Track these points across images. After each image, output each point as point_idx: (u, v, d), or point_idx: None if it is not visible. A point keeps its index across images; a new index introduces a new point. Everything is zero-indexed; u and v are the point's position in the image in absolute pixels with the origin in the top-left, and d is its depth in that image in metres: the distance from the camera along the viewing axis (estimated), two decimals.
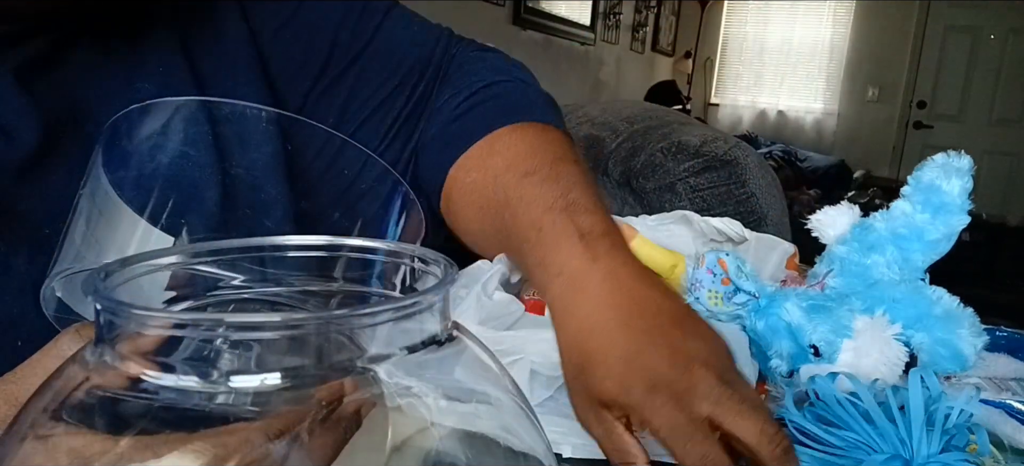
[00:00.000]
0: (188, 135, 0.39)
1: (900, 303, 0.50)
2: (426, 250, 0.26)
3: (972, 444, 0.39)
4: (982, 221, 3.51)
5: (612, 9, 4.28)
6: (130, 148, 0.36)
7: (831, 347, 0.48)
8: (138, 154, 0.37)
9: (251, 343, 0.20)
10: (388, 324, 0.21)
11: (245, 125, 0.44)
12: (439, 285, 0.23)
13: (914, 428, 0.36)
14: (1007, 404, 0.49)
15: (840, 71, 5.35)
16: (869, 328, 0.48)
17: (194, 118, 0.40)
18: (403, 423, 0.22)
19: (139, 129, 0.37)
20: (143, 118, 0.37)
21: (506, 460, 0.23)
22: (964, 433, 0.38)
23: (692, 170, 1.23)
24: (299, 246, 0.27)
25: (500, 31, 3.13)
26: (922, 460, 0.36)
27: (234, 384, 0.19)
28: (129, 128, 0.37)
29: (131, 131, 0.37)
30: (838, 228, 0.56)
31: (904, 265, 0.52)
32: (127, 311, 0.20)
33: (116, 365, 0.20)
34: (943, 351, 0.48)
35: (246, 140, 0.44)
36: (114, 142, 0.36)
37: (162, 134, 0.38)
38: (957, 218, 0.50)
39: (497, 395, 0.24)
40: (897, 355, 0.48)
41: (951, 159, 0.51)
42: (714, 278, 0.52)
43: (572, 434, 0.45)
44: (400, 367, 0.21)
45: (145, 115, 0.37)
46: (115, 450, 0.19)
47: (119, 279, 0.23)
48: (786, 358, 0.50)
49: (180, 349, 0.20)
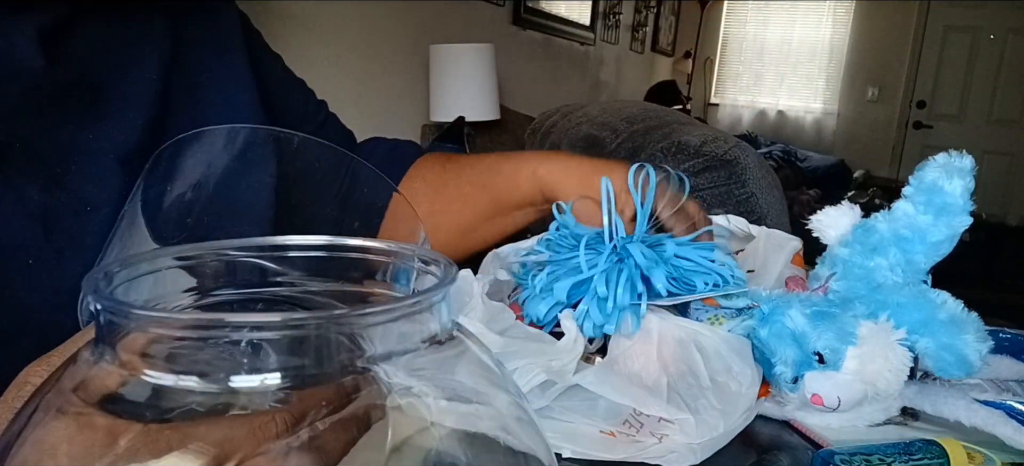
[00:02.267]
0: (241, 163, 0.41)
1: (904, 308, 0.49)
2: (427, 250, 0.26)
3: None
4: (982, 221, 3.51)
5: (612, 9, 4.27)
6: (170, 176, 0.37)
7: (836, 354, 0.48)
8: (177, 185, 0.37)
9: (251, 343, 0.20)
10: (388, 324, 0.21)
11: (305, 153, 0.46)
12: (439, 285, 0.23)
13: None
14: (1007, 405, 0.49)
15: (840, 71, 5.35)
16: (874, 334, 0.48)
17: (247, 145, 0.42)
18: (403, 423, 0.22)
19: (182, 156, 0.38)
20: (186, 147, 0.38)
21: (506, 460, 0.23)
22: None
23: (692, 170, 1.23)
24: (300, 246, 0.27)
25: (500, 31, 3.13)
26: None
27: (234, 384, 0.19)
28: (173, 156, 0.38)
29: (174, 160, 0.38)
30: (839, 229, 0.56)
31: (907, 267, 0.52)
32: (127, 311, 0.20)
33: (116, 365, 0.20)
34: (948, 356, 0.48)
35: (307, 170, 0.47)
36: (155, 171, 0.37)
37: (205, 160, 0.39)
38: (959, 219, 0.50)
39: (497, 395, 0.24)
40: (902, 361, 0.48)
41: (953, 159, 0.50)
42: (707, 309, 0.52)
43: (571, 437, 0.45)
44: (400, 367, 0.21)
45: (190, 142, 0.38)
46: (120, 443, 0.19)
47: (119, 279, 0.23)
48: (791, 365, 0.50)
49: (180, 349, 0.20)
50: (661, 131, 1.34)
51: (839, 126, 5.38)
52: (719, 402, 0.47)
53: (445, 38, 2.46)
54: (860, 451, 0.43)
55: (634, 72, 4.89)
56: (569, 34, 3.78)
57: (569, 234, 0.58)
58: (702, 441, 0.44)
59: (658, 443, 0.45)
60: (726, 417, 0.46)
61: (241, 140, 0.41)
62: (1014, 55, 4.78)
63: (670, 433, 0.45)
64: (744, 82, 5.76)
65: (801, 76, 5.52)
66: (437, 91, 2.41)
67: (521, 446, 0.24)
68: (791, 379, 0.50)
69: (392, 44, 2.48)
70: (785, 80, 5.59)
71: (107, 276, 0.22)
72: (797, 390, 0.50)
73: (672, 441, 0.45)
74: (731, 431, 0.46)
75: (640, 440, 0.46)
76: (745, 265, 0.63)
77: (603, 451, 0.44)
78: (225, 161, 0.40)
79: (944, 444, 0.42)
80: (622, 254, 0.53)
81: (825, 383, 0.49)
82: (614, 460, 0.44)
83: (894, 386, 0.48)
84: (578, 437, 0.45)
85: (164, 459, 0.18)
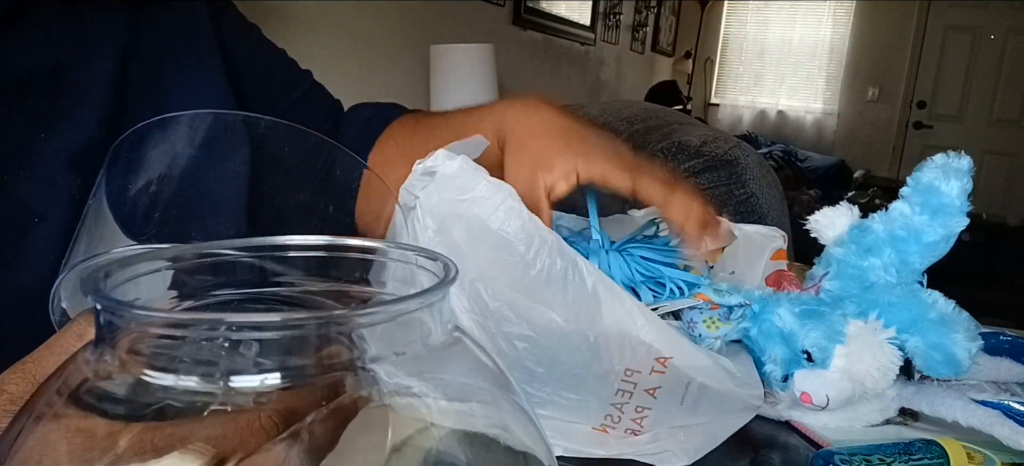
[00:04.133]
0: (208, 151, 0.40)
1: (895, 307, 0.49)
2: (427, 250, 0.26)
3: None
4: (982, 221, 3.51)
5: (612, 9, 4.27)
6: (133, 168, 0.36)
7: (824, 352, 0.48)
8: (141, 176, 0.36)
9: (251, 343, 0.20)
10: (388, 324, 0.21)
11: (274, 136, 0.44)
12: (439, 285, 0.23)
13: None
14: (1005, 405, 0.49)
15: (840, 71, 5.35)
16: (862, 333, 0.48)
17: (212, 130, 0.41)
18: (403, 423, 0.22)
19: (145, 146, 0.37)
20: (149, 134, 0.37)
21: (506, 460, 0.24)
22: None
23: (692, 170, 1.23)
24: (299, 246, 0.27)
25: (500, 31, 3.13)
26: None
27: (234, 384, 0.19)
28: (135, 146, 0.37)
29: (137, 147, 0.37)
30: (837, 229, 0.56)
31: (901, 268, 0.52)
32: (127, 311, 0.20)
33: (116, 365, 0.20)
34: (937, 355, 0.48)
35: (278, 157, 0.45)
36: (117, 162, 0.36)
37: (170, 151, 0.38)
38: (956, 219, 0.50)
39: (497, 395, 0.24)
40: (890, 360, 0.48)
41: (950, 160, 0.50)
42: (702, 310, 0.52)
43: (563, 434, 0.45)
44: (400, 367, 0.21)
45: (152, 130, 0.37)
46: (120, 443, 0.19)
47: (119, 279, 0.23)
48: (780, 363, 0.50)
49: (180, 349, 0.20)
50: (661, 131, 1.34)
51: (839, 126, 5.38)
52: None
53: (445, 38, 2.46)
54: (860, 451, 0.43)
55: (634, 72, 4.89)
56: (569, 34, 3.78)
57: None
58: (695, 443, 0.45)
59: (652, 441, 0.45)
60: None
61: (206, 127, 0.40)
62: (1014, 55, 4.77)
63: (645, 427, 0.45)
64: (744, 82, 5.75)
65: (801, 76, 5.52)
66: (437, 91, 2.40)
67: (521, 446, 0.24)
68: (781, 377, 0.51)
69: (392, 44, 2.48)
70: (785, 80, 5.59)
71: (106, 275, 0.22)
72: (787, 389, 0.50)
73: (666, 439, 0.45)
74: (726, 430, 0.46)
75: (625, 438, 0.46)
76: (726, 267, 0.63)
77: (596, 447, 0.44)
78: (191, 150, 0.39)
79: (944, 444, 0.42)
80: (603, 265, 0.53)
81: (814, 381, 0.49)
82: (607, 457, 0.44)
83: (882, 384, 0.48)
84: (571, 434, 0.45)
85: (164, 459, 0.18)
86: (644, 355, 0.43)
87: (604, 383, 0.44)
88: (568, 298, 0.43)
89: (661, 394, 0.45)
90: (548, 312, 0.43)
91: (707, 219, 0.50)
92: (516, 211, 0.43)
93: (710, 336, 0.51)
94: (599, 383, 0.44)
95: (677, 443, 0.45)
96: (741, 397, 0.47)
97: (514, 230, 0.42)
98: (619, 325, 0.43)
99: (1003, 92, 4.85)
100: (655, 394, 0.45)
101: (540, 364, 0.44)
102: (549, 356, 0.43)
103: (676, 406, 0.45)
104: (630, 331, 0.43)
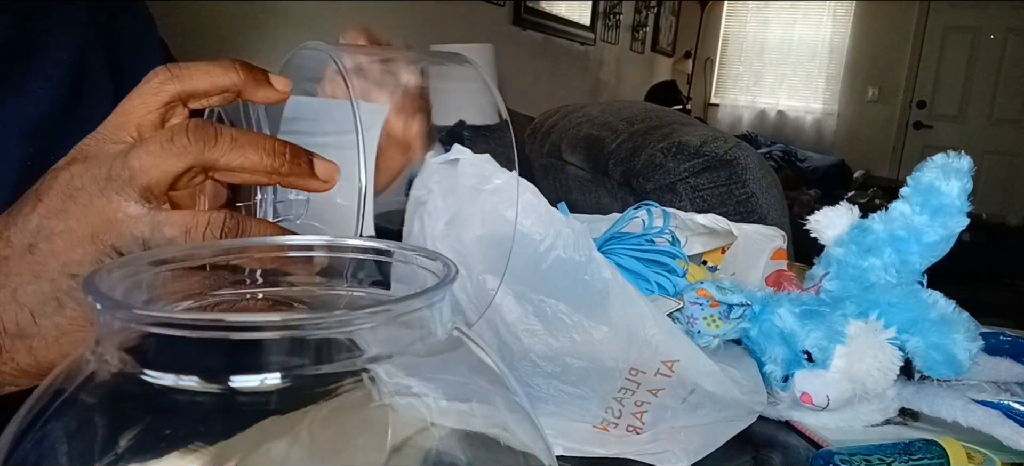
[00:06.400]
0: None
1: (895, 307, 0.49)
2: (427, 250, 0.26)
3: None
4: (982, 221, 3.51)
5: (612, 9, 4.27)
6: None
7: (824, 353, 0.48)
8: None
9: (251, 343, 0.20)
10: (388, 324, 0.21)
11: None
12: (439, 285, 0.23)
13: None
14: (1006, 405, 0.49)
15: (840, 71, 5.35)
16: (862, 333, 0.48)
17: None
18: (403, 423, 0.22)
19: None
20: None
21: (506, 460, 0.23)
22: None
23: (692, 170, 1.23)
24: (299, 246, 0.27)
25: (500, 31, 3.12)
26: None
27: (234, 384, 0.19)
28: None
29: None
30: (837, 229, 0.56)
31: (901, 268, 0.52)
32: (127, 311, 0.20)
33: (116, 365, 0.20)
34: (937, 356, 0.48)
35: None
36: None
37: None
38: (956, 219, 0.50)
39: (497, 395, 0.24)
40: (890, 359, 0.48)
41: (950, 160, 0.50)
42: (703, 307, 0.52)
43: (564, 433, 0.45)
44: (400, 367, 0.21)
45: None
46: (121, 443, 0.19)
47: (119, 278, 0.23)
48: (780, 363, 0.50)
49: (180, 349, 0.20)
50: (661, 131, 1.34)
51: (839, 126, 5.38)
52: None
53: (445, 38, 2.45)
54: (860, 451, 0.43)
55: (634, 72, 4.89)
56: (569, 34, 3.78)
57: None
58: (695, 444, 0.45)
59: (652, 441, 0.45)
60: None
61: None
62: (1014, 55, 4.77)
63: (646, 424, 0.45)
64: (744, 82, 5.75)
65: (801, 76, 5.52)
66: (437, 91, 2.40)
67: (521, 446, 0.24)
68: (781, 378, 0.51)
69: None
70: (785, 80, 5.58)
71: (106, 276, 0.22)
72: (788, 389, 0.50)
73: (666, 440, 0.45)
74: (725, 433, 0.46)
75: (625, 437, 0.46)
76: (727, 269, 0.63)
77: (596, 446, 0.44)
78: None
79: (944, 444, 0.42)
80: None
81: (814, 381, 0.49)
82: (607, 456, 0.44)
83: (882, 385, 0.48)
84: (571, 433, 0.45)
85: (164, 459, 0.18)
86: (651, 357, 0.43)
87: (608, 380, 0.44)
88: (578, 292, 0.43)
89: (663, 395, 0.45)
90: (558, 306, 0.43)
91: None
92: (534, 205, 0.43)
93: (709, 334, 0.51)
94: (603, 380, 0.44)
95: (677, 443, 0.45)
96: (745, 403, 0.47)
97: (531, 223, 0.43)
98: (628, 324, 0.43)
99: (1003, 92, 4.84)
100: (657, 394, 0.45)
101: (545, 358, 0.44)
102: (555, 350, 0.43)
103: (677, 404, 0.45)
104: (639, 331, 0.43)
